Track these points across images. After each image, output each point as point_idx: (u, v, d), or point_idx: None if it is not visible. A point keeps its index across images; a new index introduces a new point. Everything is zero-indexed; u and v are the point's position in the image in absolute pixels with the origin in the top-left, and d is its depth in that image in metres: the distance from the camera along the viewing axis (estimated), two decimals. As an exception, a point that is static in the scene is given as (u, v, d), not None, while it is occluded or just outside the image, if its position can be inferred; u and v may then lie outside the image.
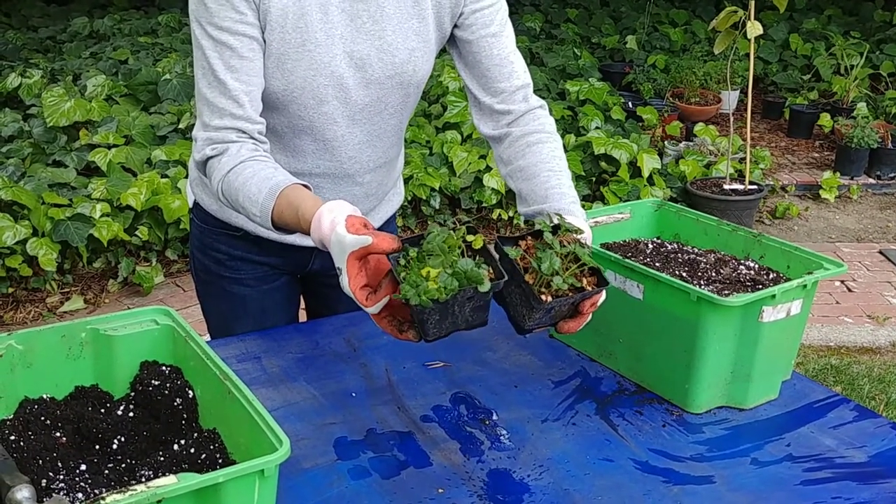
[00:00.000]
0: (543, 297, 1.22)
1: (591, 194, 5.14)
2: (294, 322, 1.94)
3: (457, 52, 1.65)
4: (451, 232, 1.18)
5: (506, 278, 1.18)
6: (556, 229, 1.30)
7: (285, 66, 1.50)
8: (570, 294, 1.26)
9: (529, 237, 1.32)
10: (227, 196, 1.47)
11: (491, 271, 1.18)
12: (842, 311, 4.30)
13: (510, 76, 1.63)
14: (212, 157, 1.49)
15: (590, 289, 1.27)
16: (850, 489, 1.35)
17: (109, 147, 4.46)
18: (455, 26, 1.61)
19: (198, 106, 1.51)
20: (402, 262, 1.18)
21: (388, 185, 1.82)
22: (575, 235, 1.30)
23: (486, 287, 1.14)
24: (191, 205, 1.81)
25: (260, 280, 1.81)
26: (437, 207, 4.86)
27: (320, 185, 1.68)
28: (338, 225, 1.25)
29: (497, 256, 1.24)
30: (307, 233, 1.33)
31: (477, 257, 1.19)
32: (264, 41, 1.49)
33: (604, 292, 1.32)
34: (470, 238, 1.19)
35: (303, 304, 2.02)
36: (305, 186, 1.42)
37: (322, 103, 1.56)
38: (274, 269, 1.82)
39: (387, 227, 1.89)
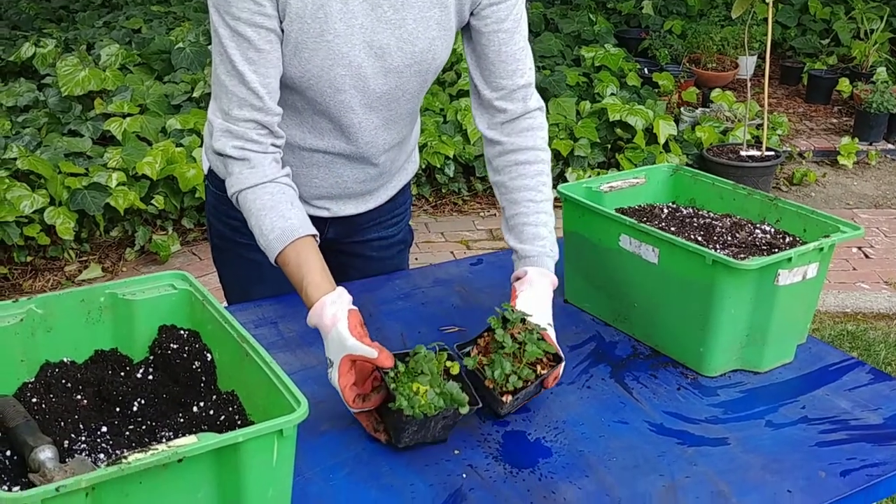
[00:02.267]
0: (504, 398, 1.37)
1: (606, 161, 5.11)
2: None
3: (467, 39, 1.64)
4: (434, 355, 1.34)
5: (479, 405, 1.34)
6: (505, 322, 1.42)
7: (302, 54, 1.49)
8: (530, 383, 1.39)
9: (486, 333, 1.46)
10: (241, 208, 1.51)
11: (467, 396, 1.33)
12: (858, 277, 4.27)
13: (514, 74, 1.62)
14: (233, 159, 1.50)
15: (545, 371, 1.41)
16: (865, 451, 1.35)
17: (124, 116, 4.46)
18: (471, 14, 1.60)
19: (215, 88, 1.51)
20: (392, 374, 1.31)
21: (402, 160, 1.82)
22: (523, 325, 1.42)
23: (465, 410, 1.30)
24: (205, 171, 1.81)
25: None
26: (452, 175, 4.85)
27: (336, 163, 1.68)
28: (339, 322, 1.33)
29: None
30: (304, 301, 1.41)
31: (452, 382, 1.34)
32: (282, 31, 1.48)
33: (560, 368, 1.44)
34: (448, 364, 1.36)
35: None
36: (314, 236, 1.47)
37: (339, 92, 1.55)
38: None
39: (401, 195, 1.90)
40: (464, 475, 1.28)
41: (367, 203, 1.80)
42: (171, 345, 1.27)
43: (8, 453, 1.08)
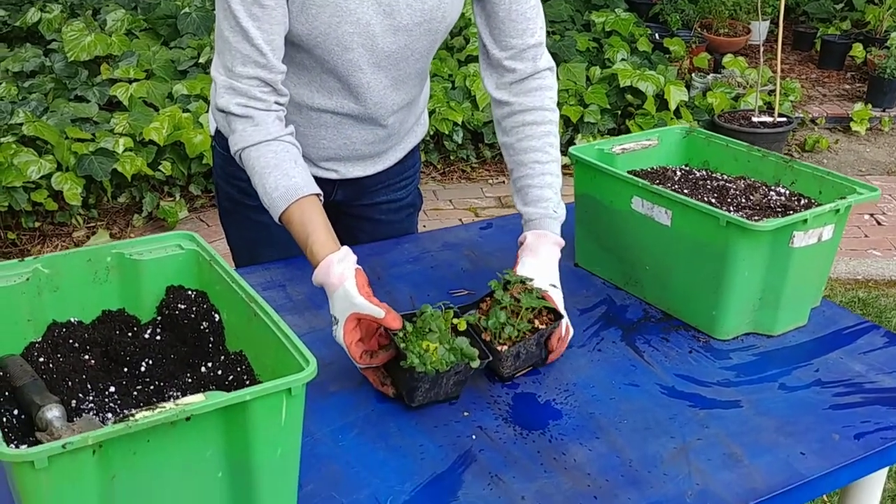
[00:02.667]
0: (499, 347, 1.37)
1: (617, 128, 5.07)
2: None
3: None
4: (441, 313, 1.35)
5: (489, 358, 1.34)
6: (506, 285, 1.43)
7: (309, 11, 1.46)
8: (528, 337, 1.38)
9: (488, 297, 1.46)
10: (244, 166, 1.49)
11: (477, 351, 1.33)
12: (870, 244, 4.24)
13: (524, 33, 1.59)
14: (236, 116, 1.47)
15: (543, 327, 1.40)
16: (880, 414, 1.34)
17: (130, 82, 4.43)
18: None
19: (218, 44, 1.48)
20: (401, 334, 1.31)
21: (410, 122, 1.79)
22: (523, 286, 1.42)
23: (476, 364, 1.30)
24: (212, 132, 1.79)
25: None
26: (460, 142, 4.81)
27: (344, 124, 1.66)
28: (347, 280, 1.32)
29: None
30: (310, 259, 1.39)
31: (461, 337, 1.34)
32: None
33: (562, 325, 1.42)
34: (455, 321, 1.36)
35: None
36: (318, 195, 1.45)
37: (347, 50, 1.52)
38: None
39: (410, 157, 1.87)
40: (473, 436, 1.27)
41: (376, 165, 1.78)
42: (179, 305, 1.26)
43: (16, 412, 1.08)
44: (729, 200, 1.61)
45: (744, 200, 1.61)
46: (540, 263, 1.49)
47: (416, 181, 1.95)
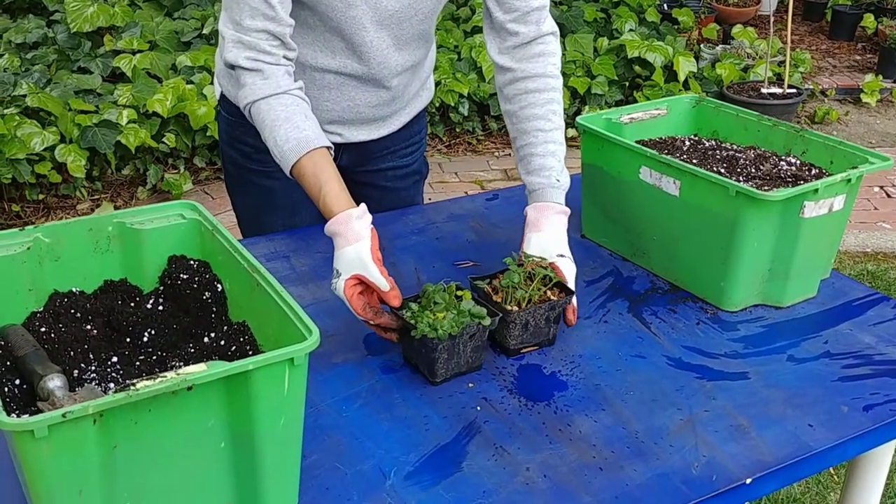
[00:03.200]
0: (510, 307, 1.36)
1: (624, 99, 5.02)
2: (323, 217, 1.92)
3: None
4: (444, 287, 1.34)
5: (500, 315, 1.33)
6: (521, 263, 1.43)
7: None
8: (538, 304, 1.37)
9: (500, 274, 1.44)
10: (254, 120, 1.47)
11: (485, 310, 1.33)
12: (880, 216, 4.21)
13: None
14: (245, 70, 1.46)
15: (556, 299, 1.39)
16: (889, 385, 1.33)
17: (134, 53, 4.39)
18: None
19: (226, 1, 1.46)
20: (408, 314, 1.31)
21: (415, 86, 1.77)
22: (539, 262, 1.42)
23: (488, 321, 1.30)
24: (217, 97, 1.78)
25: None
26: (466, 114, 4.77)
27: (348, 85, 1.64)
28: (362, 241, 1.32)
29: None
30: (323, 211, 1.39)
31: (465, 301, 1.34)
32: None
33: (574, 300, 1.42)
34: (459, 293, 1.35)
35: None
36: (327, 148, 1.44)
37: (350, 7, 1.51)
38: None
39: (416, 123, 1.86)
40: (478, 408, 1.26)
41: (380, 129, 1.76)
42: (181, 275, 1.24)
43: (17, 382, 1.07)
44: (738, 170, 1.58)
45: (753, 170, 1.58)
46: (545, 237, 1.48)
47: (422, 149, 1.93)
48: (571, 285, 1.42)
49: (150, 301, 1.25)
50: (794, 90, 4.94)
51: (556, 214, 1.51)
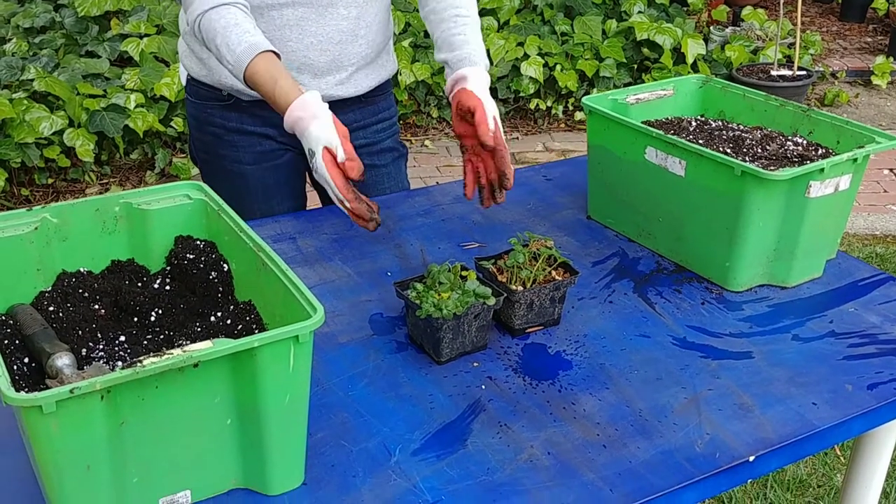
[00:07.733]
0: (515, 286, 1.36)
1: (633, 82, 4.99)
2: (302, 202, 1.93)
3: None
4: (449, 267, 1.35)
5: (504, 295, 1.34)
6: (526, 244, 1.43)
7: None
8: (545, 283, 1.38)
9: (505, 255, 1.45)
10: (204, 33, 1.51)
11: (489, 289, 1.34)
12: (889, 199, 4.18)
13: None
14: None
15: (560, 279, 1.39)
16: (894, 364, 1.33)
17: (141, 37, 4.40)
18: None
19: None
20: (413, 294, 1.32)
21: (375, 25, 1.76)
22: (544, 242, 1.42)
23: (492, 301, 1.30)
24: (184, 82, 1.80)
25: (260, 157, 1.81)
26: (474, 97, 4.76)
27: (307, 19, 1.65)
28: (321, 116, 1.38)
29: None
30: (279, 104, 1.43)
31: (469, 281, 1.35)
32: None
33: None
34: (465, 273, 1.37)
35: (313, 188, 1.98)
36: (277, 55, 1.48)
37: None
38: (275, 145, 1.81)
39: (382, 99, 1.88)
40: (483, 386, 1.27)
41: (345, 86, 1.76)
42: (188, 255, 1.25)
43: (26, 360, 1.08)
44: (745, 150, 1.58)
45: (760, 150, 1.58)
46: (477, 80, 1.57)
47: (394, 131, 1.94)
48: (491, 123, 1.53)
49: (157, 281, 1.26)
50: (804, 72, 4.90)
51: (486, 80, 1.60)
